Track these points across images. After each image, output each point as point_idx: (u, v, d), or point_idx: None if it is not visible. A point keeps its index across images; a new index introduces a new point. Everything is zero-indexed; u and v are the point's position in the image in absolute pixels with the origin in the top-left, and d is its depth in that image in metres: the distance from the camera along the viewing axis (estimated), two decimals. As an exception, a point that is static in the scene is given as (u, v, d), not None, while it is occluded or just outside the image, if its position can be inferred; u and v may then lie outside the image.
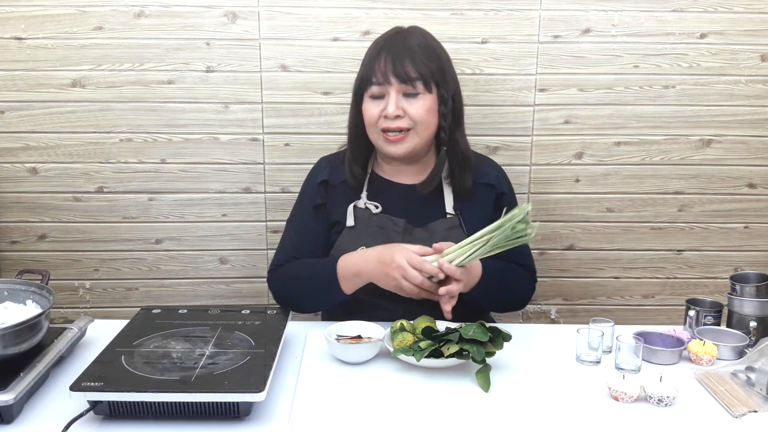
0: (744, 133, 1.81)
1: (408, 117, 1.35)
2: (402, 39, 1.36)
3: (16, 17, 1.67)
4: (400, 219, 1.39)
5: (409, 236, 1.38)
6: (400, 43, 1.35)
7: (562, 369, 1.19)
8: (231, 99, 1.74)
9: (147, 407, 0.97)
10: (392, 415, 1.00)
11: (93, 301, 1.86)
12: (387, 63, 1.33)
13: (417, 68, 1.33)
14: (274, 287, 1.44)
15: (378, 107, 1.35)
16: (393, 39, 1.37)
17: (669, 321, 1.87)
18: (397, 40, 1.36)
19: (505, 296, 1.44)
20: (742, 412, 1.01)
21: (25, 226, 1.80)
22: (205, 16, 1.69)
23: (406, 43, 1.35)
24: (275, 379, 1.11)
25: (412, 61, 1.33)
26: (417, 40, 1.37)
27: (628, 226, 1.87)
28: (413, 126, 1.35)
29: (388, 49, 1.35)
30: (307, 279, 1.37)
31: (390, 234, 1.38)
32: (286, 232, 1.49)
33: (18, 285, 1.20)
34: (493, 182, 1.46)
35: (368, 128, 1.39)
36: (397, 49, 1.34)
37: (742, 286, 1.31)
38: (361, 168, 1.45)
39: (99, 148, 1.76)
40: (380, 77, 1.34)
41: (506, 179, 1.51)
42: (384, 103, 1.35)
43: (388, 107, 1.33)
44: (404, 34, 1.39)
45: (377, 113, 1.35)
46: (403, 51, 1.34)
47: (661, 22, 1.73)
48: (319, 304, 1.42)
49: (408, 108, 1.34)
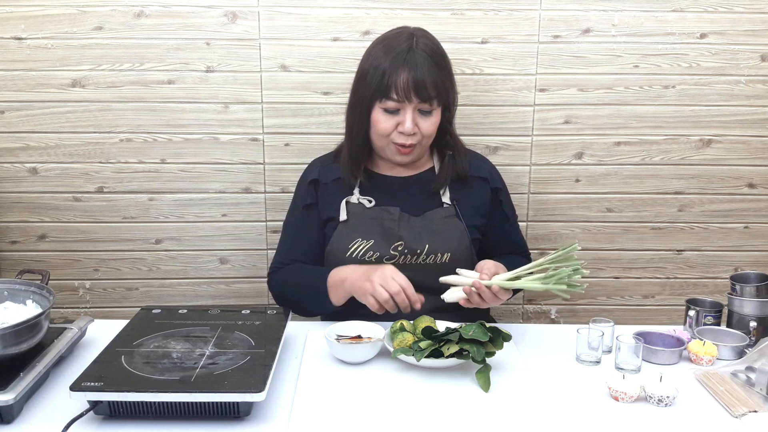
0: (744, 133, 1.81)
1: (419, 133, 1.36)
2: (420, 49, 1.33)
3: (16, 17, 1.67)
4: (394, 207, 1.41)
5: (405, 224, 1.39)
6: (419, 56, 1.32)
7: (562, 369, 1.19)
8: (231, 99, 1.74)
9: (147, 407, 0.97)
10: (392, 415, 1.00)
11: (93, 301, 1.86)
12: (409, 81, 1.31)
13: (437, 87, 1.33)
14: (272, 289, 1.48)
15: (392, 120, 1.35)
16: (408, 50, 1.32)
17: (669, 321, 1.87)
18: (417, 53, 1.32)
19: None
20: (742, 412, 1.02)
21: (25, 226, 1.80)
22: (205, 16, 1.69)
23: (424, 54, 1.32)
24: (275, 379, 1.11)
25: (432, 80, 1.32)
26: (432, 50, 1.35)
27: (628, 226, 1.87)
28: (421, 140, 1.38)
29: (409, 64, 1.31)
30: (302, 285, 1.40)
31: (385, 223, 1.39)
32: (282, 235, 1.52)
33: (18, 285, 1.20)
34: (486, 176, 1.49)
35: (377, 138, 1.38)
36: (418, 63, 1.31)
37: (742, 286, 1.31)
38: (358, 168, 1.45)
39: (99, 148, 1.76)
40: (401, 95, 1.32)
41: (498, 174, 1.53)
42: (399, 118, 1.34)
43: (405, 124, 1.33)
44: (417, 42, 1.34)
45: (391, 126, 1.35)
46: (424, 66, 1.31)
47: (661, 22, 1.73)
48: (314, 311, 1.42)
49: (421, 124, 1.36)
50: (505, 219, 1.51)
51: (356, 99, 1.40)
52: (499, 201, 1.49)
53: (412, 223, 1.40)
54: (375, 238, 1.38)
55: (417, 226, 1.39)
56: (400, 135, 1.35)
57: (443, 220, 1.41)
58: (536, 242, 1.87)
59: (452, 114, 1.43)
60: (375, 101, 1.35)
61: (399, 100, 1.32)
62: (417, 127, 1.35)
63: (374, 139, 1.40)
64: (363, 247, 1.37)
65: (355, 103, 1.40)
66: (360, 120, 1.39)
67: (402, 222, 1.39)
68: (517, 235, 1.56)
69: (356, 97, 1.40)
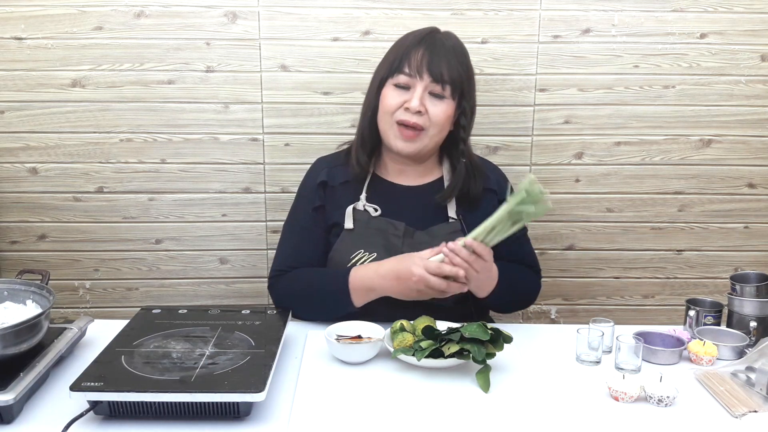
0: (744, 133, 1.81)
1: (427, 116, 1.33)
2: (442, 39, 1.35)
3: (16, 17, 1.67)
4: (399, 222, 1.38)
5: (409, 239, 1.37)
6: (440, 43, 1.34)
7: (562, 369, 1.19)
8: (231, 99, 1.74)
9: (147, 407, 0.97)
10: (392, 415, 1.00)
11: (93, 301, 1.86)
12: (424, 57, 1.31)
13: (450, 72, 1.32)
14: (276, 295, 1.41)
15: (400, 97, 1.33)
16: (433, 36, 1.35)
17: (669, 321, 1.87)
18: (438, 39, 1.35)
19: (516, 297, 1.44)
20: (742, 412, 1.02)
21: (25, 226, 1.80)
22: (205, 16, 1.69)
23: (446, 43, 1.34)
24: (275, 379, 1.11)
25: (448, 63, 1.32)
26: (454, 44, 1.36)
27: (628, 226, 1.87)
28: (428, 127, 1.34)
29: (427, 44, 1.33)
30: (317, 290, 1.35)
31: (390, 237, 1.37)
32: (286, 236, 1.46)
33: (18, 285, 1.20)
34: (494, 188, 1.45)
35: (383, 115, 1.36)
36: (437, 47, 1.33)
37: (742, 286, 1.31)
38: (368, 157, 1.42)
39: (99, 148, 1.76)
40: (413, 69, 1.32)
41: (507, 184, 1.48)
42: (408, 96, 1.33)
43: (412, 100, 1.31)
44: (443, 35, 1.37)
45: (398, 103, 1.33)
46: (442, 50, 1.32)
47: (661, 22, 1.73)
48: (326, 316, 1.36)
49: (430, 107, 1.33)
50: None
51: (373, 79, 1.40)
52: None
53: (416, 238, 1.37)
54: (378, 251, 1.36)
55: (421, 242, 1.36)
56: (405, 111, 1.33)
57: (448, 236, 1.35)
58: (536, 242, 1.86)
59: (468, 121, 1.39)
60: (389, 77, 1.35)
61: (411, 74, 1.32)
62: (425, 108, 1.32)
63: (380, 121, 1.38)
64: (365, 260, 1.35)
65: (371, 83, 1.41)
66: (373, 98, 1.38)
67: (406, 237, 1.37)
68: (523, 249, 1.48)
69: (374, 77, 1.40)
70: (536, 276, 1.49)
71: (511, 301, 1.44)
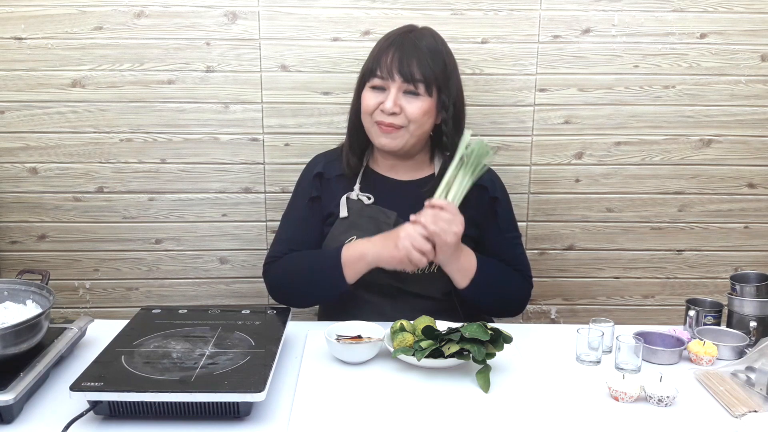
0: (744, 133, 1.81)
1: (404, 115, 1.36)
2: (413, 39, 1.37)
3: (16, 17, 1.67)
4: (391, 211, 1.41)
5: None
6: (410, 42, 1.36)
7: (562, 369, 1.19)
8: (231, 99, 1.74)
9: (147, 407, 0.97)
10: (392, 415, 1.00)
11: (93, 301, 1.86)
12: (394, 59, 1.34)
13: (422, 70, 1.34)
14: (270, 279, 1.44)
15: (376, 98, 1.37)
16: (404, 37, 1.37)
17: (669, 321, 1.87)
18: (409, 39, 1.37)
19: (500, 295, 1.42)
20: (742, 412, 1.02)
21: (25, 226, 1.80)
22: (205, 16, 1.69)
23: (416, 43, 1.36)
24: (275, 379, 1.11)
25: (419, 62, 1.34)
26: (428, 42, 1.37)
27: (628, 226, 1.87)
28: (406, 125, 1.37)
29: (397, 45, 1.35)
30: (308, 269, 1.38)
31: (381, 226, 1.39)
32: (282, 225, 1.50)
33: (18, 285, 1.20)
34: (486, 185, 1.45)
35: (363, 116, 1.41)
36: (407, 47, 1.35)
37: (742, 286, 1.31)
38: (357, 158, 1.46)
39: (99, 148, 1.76)
40: (384, 72, 1.34)
41: (500, 183, 1.50)
42: (383, 96, 1.36)
43: (386, 102, 1.35)
44: (416, 33, 1.39)
45: (374, 104, 1.37)
46: (411, 50, 1.34)
47: (661, 22, 1.73)
48: (318, 296, 1.42)
49: (406, 106, 1.35)
50: (498, 232, 1.45)
51: (357, 85, 1.43)
52: (495, 211, 1.45)
53: None
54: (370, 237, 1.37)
55: None
56: (381, 113, 1.36)
57: None
58: (536, 242, 1.87)
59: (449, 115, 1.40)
60: (366, 81, 1.39)
61: (383, 77, 1.35)
62: (401, 109, 1.35)
63: (363, 120, 1.41)
64: None
65: (356, 85, 1.44)
66: (356, 101, 1.43)
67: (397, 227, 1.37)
68: (511, 252, 1.46)
69: (357, 83, 1.43)
70: (524, 281, 1.47)
71: (495, 301, 1.43)
